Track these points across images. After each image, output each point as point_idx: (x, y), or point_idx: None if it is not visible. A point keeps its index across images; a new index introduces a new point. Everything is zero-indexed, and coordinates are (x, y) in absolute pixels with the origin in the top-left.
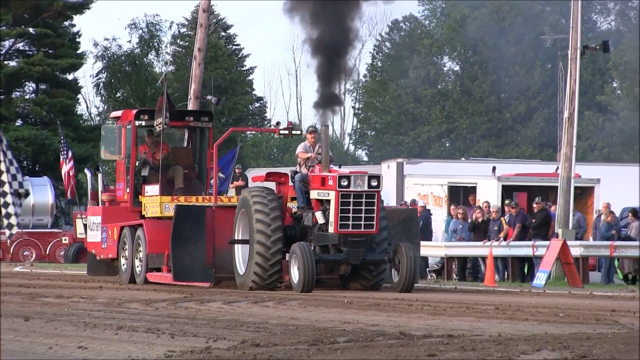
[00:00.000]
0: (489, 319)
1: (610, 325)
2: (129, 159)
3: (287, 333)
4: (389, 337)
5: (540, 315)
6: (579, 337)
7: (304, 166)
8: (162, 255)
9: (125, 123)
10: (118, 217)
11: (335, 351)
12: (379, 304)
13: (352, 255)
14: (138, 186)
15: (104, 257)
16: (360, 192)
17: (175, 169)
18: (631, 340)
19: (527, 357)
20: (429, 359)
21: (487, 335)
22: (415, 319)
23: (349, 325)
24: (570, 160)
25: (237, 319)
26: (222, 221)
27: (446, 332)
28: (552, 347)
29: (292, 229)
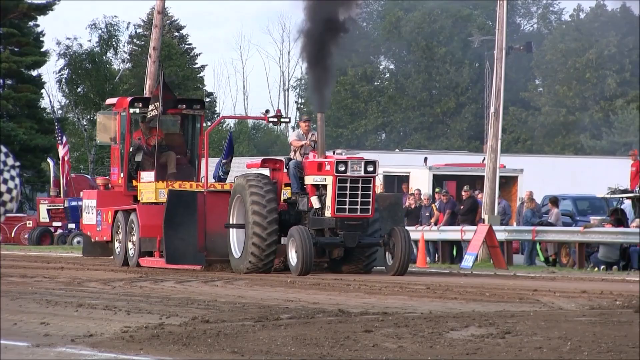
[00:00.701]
0: (420, 297)
1: (532, 304)
2: (123, 144)
3: (235, 310)
4: (328, 314)
5: (468, 294)
6: (503, 315)
7: (298, 153)
8: (154, 240)
9: (120, 110)
10: (112, 201)
11: (279, 327)
12: (319, 284)
13: (349, 238)
14: (132, 171)
15: (99, 240)
16: (357, 177)
17: (168, 155)
18: (551, 317)
19: (456, 333)
20: (366, 334)
21: (419, 312)
22: (353, 297)
23: (292, 303)
24: (496, 152)
25: (189, 297)
26: (214, 206)
27: (381, 310)
28: (478, 323)
29: (287, 214)
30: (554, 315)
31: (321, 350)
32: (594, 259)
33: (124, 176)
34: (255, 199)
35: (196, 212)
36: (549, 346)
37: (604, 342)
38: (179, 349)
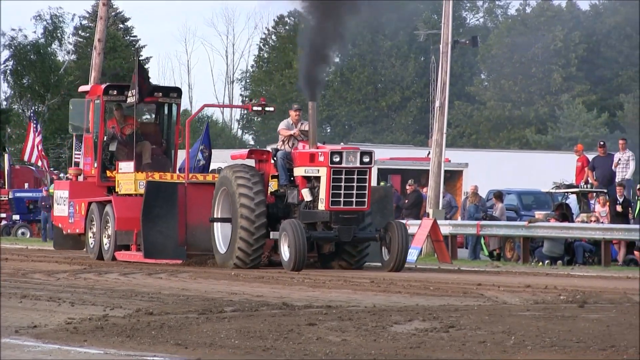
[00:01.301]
0: (364, 291)
1: (476, 298)
2: (97, 133)
3: (179, 303)
4: (272, 307)
5: (412, 288)
6: (447, 309)
7: (286, 144)
8: (131, 233)
9: (93, 97)
10: (86, 192)
11: (223, 320)
12: (263, 277)
13: (344, 232)
14: (106, 161)
15: (71, 232)
16: (353, 168)
17: (143, 144)
18: (495, 311)
19: (400, 327)
20: (309, 327)
21: (363, 306)
22: (297, 290)
23: (236, 296)
24: (440, 146)
25: (133, 289)
26: (195, 198)
27: (325, 303)
28: (422, 317)
29: (274, 207)
30: (498, 310)
31: (265, 343)
32: (539, 254)
33: (97, 166)
34: (243, 191)
35: (176, 205)
36: (493, 340)
37: (548, 336)
38: (122, 341)
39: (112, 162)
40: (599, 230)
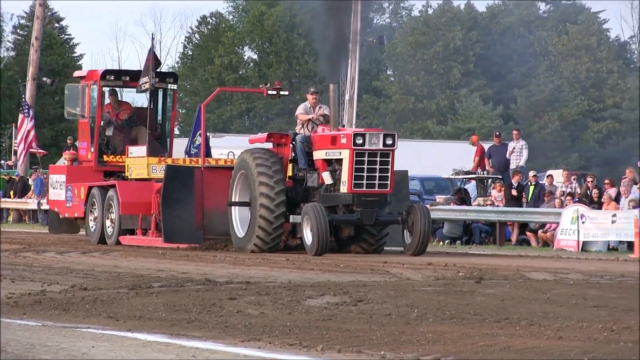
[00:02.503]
0: (280, 268)
1: (383, 275)
2: (93, 118)
3: (110, 279)
4: (196, 283)
5: (324, 266)
6: (356, 285)
7: (305, 127)
8: (136, 217)
9: (90, 83)
10: (83, 176)
11: (151, 294)
12: (188, 255)
13: (366, 215)
14: (102, 145)
15: (69, 216)
16: (376, 151)
17: (138, 129)
18: (399, 287)
19: (313, 301)
20: (230, 301)
21: (279, 282)
22: (219, 268)
23: (163, 273)
24: None
25: (68, 267)
26: (210, 182)
27: (245, 279)
28: (333, 292)
29: (293, 191)
30: (402, 285)
31: (189, 315)
32: (439, 234)
33: (94, 151)
34: (263, 177)
35: (194, 189)
36: (398, 313)
37: (447, 309)
38: (59, 314)
39: (108, 146)
40: (495, 213)
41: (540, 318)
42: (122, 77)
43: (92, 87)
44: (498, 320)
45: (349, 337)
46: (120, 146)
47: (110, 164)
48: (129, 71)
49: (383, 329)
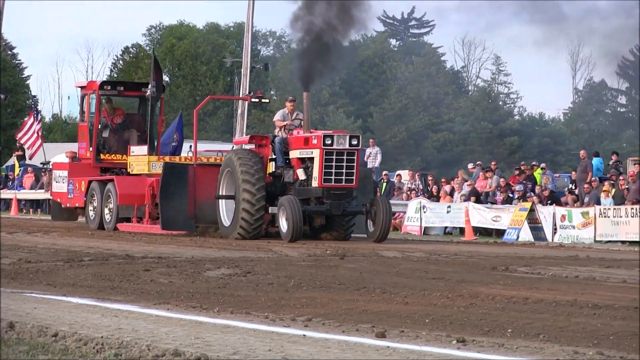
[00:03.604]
0: (186, 246)
1: (266, 252)
2: (92, 122)
3: (50, 254)
4: (118, 258)
5: (220, 244)
6: (245, 259)
7: (282, 131)
8: (131, 207)
9: (89, 92)
10: (83, 172)
11: (82, 266)
12: (112, 235)
13: (334, 206)
14: (100, 145)
15: (70, 206)
16: (342, 150)
17: (130, 132)
18: (280, 261)
19: (211, 272)
20: (145, 272)
21: (184, 257)
22: (137, 246)
23: (92, 250)
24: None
25: (16, 244)
26: (202, 178)
27: (157, 255)
28: (227, 265)
29: (272, 186)
30: (282, 260)
31: (112, 283)
32: None
33: (92, 150)
34: (245, 171)
35: (187, 183)
36: (278, 282)
37: (318, 280)
38: (8, 282)
39: (105, 146)
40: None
41: (391, 287)
42: (117, 87)
43: (92, 95)
44: (358, 288)
45: (240, 301)
46: (115, 146)
47: (106, 161)
48: (123, 82)
49: (267, 295)
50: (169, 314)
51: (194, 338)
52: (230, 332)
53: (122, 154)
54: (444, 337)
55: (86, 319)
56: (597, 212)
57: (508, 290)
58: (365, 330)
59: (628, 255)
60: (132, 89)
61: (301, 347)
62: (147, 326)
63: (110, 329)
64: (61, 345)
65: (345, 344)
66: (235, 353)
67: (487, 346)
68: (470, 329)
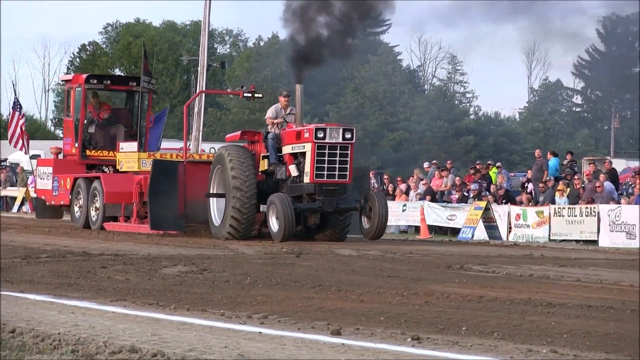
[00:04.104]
0: (143, 244)
1: (223, 250)
2: (77, 117)
3: (7, 251)
4: (75, 255)
5: (177, 242)
6: (202, 257)
7: (275, 127)
8: (118, 206)
9: (74, 85)
10: (68, 168)
11: (39, 263)
12: (69, 233)
13: (327, 203)
14: (85, 141)
15: (55, 203)
16: (335, 144)
17: (117, 128)
18: (236, 259)
19: (168, 270)
20: (102, 269)
21: (141, 254)
22: (94, 243)
23: (49, 246)
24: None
25: None
26: (192, 175)
27: (114, 252)
28: (184, 263)
29: (265, 184)
30: (238, 258)
31: (69, 280)
32: None
33: (78, 146)
34: (235, 170)
35: (177, 181)
36: (234, 280)
37: (274, 277)
38: None
39: (91, 142)
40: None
41: (347, 285)
42: (104, 80)
43: (77, 89)
44: (313, 286)
45: (196, 298)
46: (101, 142)
47: (92, 157)
48: (110, 76)
49: (223, 292)
50: (126, 311)
51: (151, 335)
52: (187, 329)
53: (108, 150)
54: (399, 334)
55: (43, 316)
56: (551, 211)
57: (462, 289)
58: (321, 327)
59: (582, 254)
60: (119, 83)
61: (257, 344)
62: (104, 323)
63: (67, 326)
64: (19, 341)
65: (300, 341)
66: (192, 350)
67: (442, 344)
68: (424, 327)
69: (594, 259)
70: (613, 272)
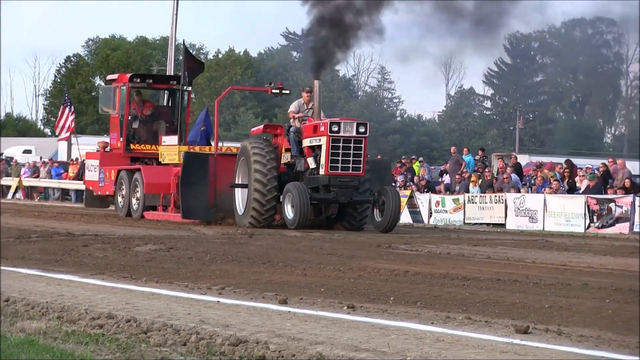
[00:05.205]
0: (119, 226)
1: (187, 231)
2: (122, 113)
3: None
4: (61, 235)
5: (149, 224)
6: (169, 237)
7: (297, 120)
8: (157, 196)
9: (120, 84)
10: (113, 161)
11: (30, 242)
12: (56, 216)
13: (341, 194)
14: (129, 136)
15: (101, 194)
16: (349, 137)
17: (159, 123)
18: (198, 239)
19: (140, 248)
20: (84, 248)
21: (117, 235)
22: (77, 225)
23: (38, 228)
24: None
25: None
26: (222, 167)
27: (94, 233)
28: (154, 242)
29: (286, 175)
30: (200, 238)
31: (56, 257)
32: None
33: (123, 140)
34: (258, 159)
35: (208, 173)
36: (197, 256)
37: (230, 254)
38: None
39: (135, 137)
40: None
41: (292, 261)
42: (146, 79)
43: (122, 87)
44: (264, 262)
45: (164, 272)
46: (144, 137)
47: (136, 151)
48: (152, 75)
49: (186, 267)
50: (104, 283)
51: (125, 303)
52: (156, 298)
53: (151, 144)
54: (337, 303)
55: (33, 287)
56: (466, 198)
57: (390, 265)
58: (270, 297)
59: (492, 235)
60: (160, 82)
61: (216, 312)
62: (85, 293)
63: (53, 295)
64: (12, 308)
65: (253, 309)
66: (160, 316)
67: (373, 311)
68: (358, 297)
69: (502, 240)
70: (518, 251)
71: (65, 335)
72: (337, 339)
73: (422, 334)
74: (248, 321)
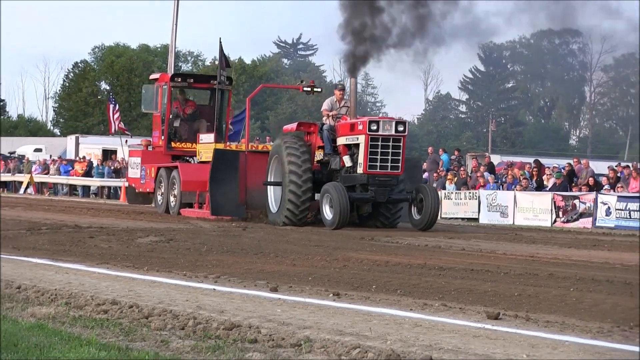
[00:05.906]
0: (123, 219)
1: (185, 224)
2: (164, 112)
3: (14, 224)
4: (69, 227)
5: (150, 217)
6: (169, 230)
7: (330, 118)
8: (193, 193)
9: (162, 84)
10: (155, 159)
11: (41, 234)
12: (65, 210)
13: (379, 193)
14: (171, 134)
15: (142, 191)
16: (388, 136)
17: (200, 122)
18: (196, 231)
19: (142, 239)
20: (90, 239)
21: (121, 227)
22: (84, 218)
23: (48, 221)
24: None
25: None
26: (253, 164)
27: (99, 225)
28: (155, 234)
29: (319, 173)
30: (198, 231)
31: (64, 247)
32: None
33: (164, 138)
34: (292, 159)
35: (238, 170)
36: (194, 248)
37: (225, 246)
38: None
39: (176, 135)
40: None
41: (282, 252)
42: (187, 79)
43: (164, 87)
44: (256, 253)
45: (164, 262)
46: (185, 135)
47: (177, 149)
48: (193, 74)
49: (185, 257)
50: (109, 272)
51: (128, 291)
52: (157, 286)
53: (192, 143)
54: (323, 291)
55: (43, 275)
56: (442, 195)
57: (373, 255)
58: (262, 285)
59: (466, 229)
60: (201, 81)
61: (212, 298)
62: (91, 281)
63: (62, 283)
64: (23, 295)
65: (246, 296)
66: (160, 302)
67: (357, 299)
68: (343, 285)
69: (475, 233)
70: (490, 243)
71: (73, 320)
72: (324, 324)
73: (401, 320)
74: (241, 307)
